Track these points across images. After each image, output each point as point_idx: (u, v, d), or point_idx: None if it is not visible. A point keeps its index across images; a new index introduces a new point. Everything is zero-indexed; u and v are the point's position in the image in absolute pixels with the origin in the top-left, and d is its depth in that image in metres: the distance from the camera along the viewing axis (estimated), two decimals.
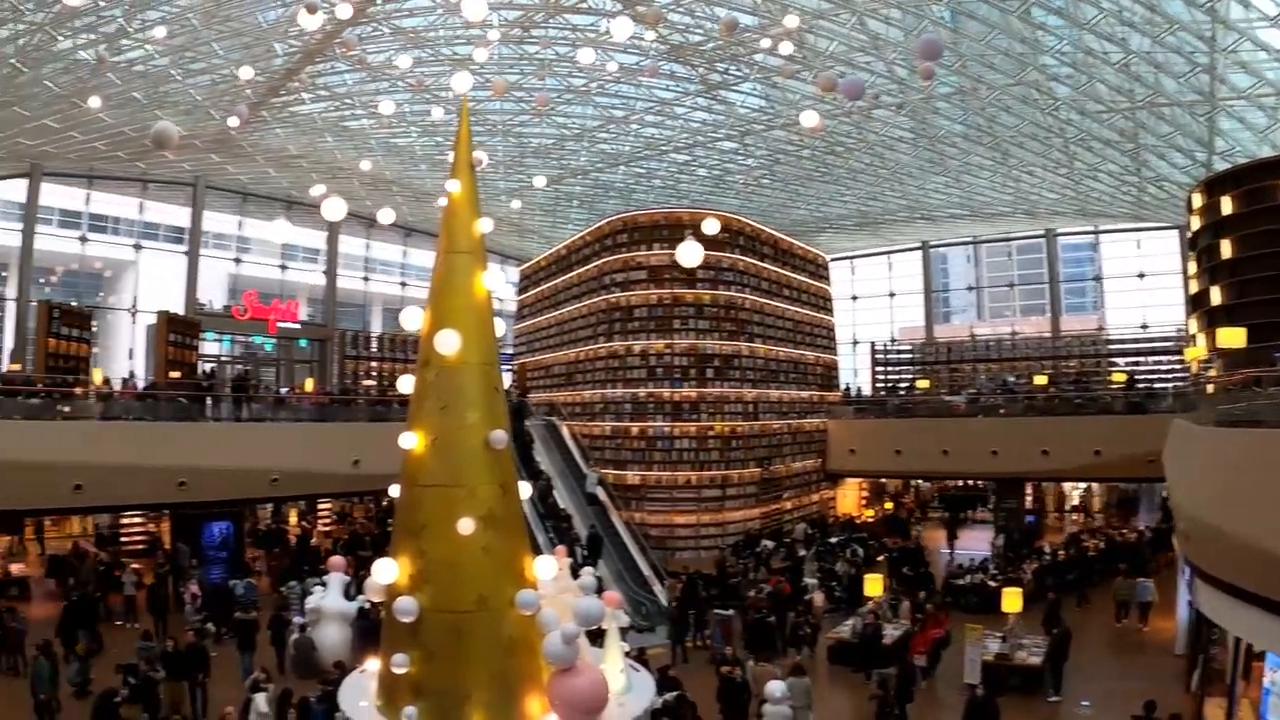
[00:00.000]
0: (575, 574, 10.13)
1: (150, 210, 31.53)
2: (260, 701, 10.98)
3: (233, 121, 16.20)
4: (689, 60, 21.83)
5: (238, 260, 33.68)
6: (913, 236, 38.45)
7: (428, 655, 7.43)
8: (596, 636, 8.75)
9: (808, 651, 16.11)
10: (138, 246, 31.20)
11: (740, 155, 29.02)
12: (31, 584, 19.75)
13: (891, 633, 15.80)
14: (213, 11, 18.76)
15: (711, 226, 10.96)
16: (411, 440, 7.65)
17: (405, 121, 25.93)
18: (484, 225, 8.29)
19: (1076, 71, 20.47)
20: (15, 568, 20.32)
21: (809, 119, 10.41)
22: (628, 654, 9.19)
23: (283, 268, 34.59)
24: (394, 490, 8.01)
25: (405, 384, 8.15)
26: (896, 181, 30.20)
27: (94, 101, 16.15)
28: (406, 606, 7.36)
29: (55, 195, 29.79)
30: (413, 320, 7.82)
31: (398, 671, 7.39)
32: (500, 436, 7.64)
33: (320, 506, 27.74)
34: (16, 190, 28.82)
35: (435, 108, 21.30)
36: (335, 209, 8.13)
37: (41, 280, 29.51)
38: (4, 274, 29.85)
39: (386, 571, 7.59)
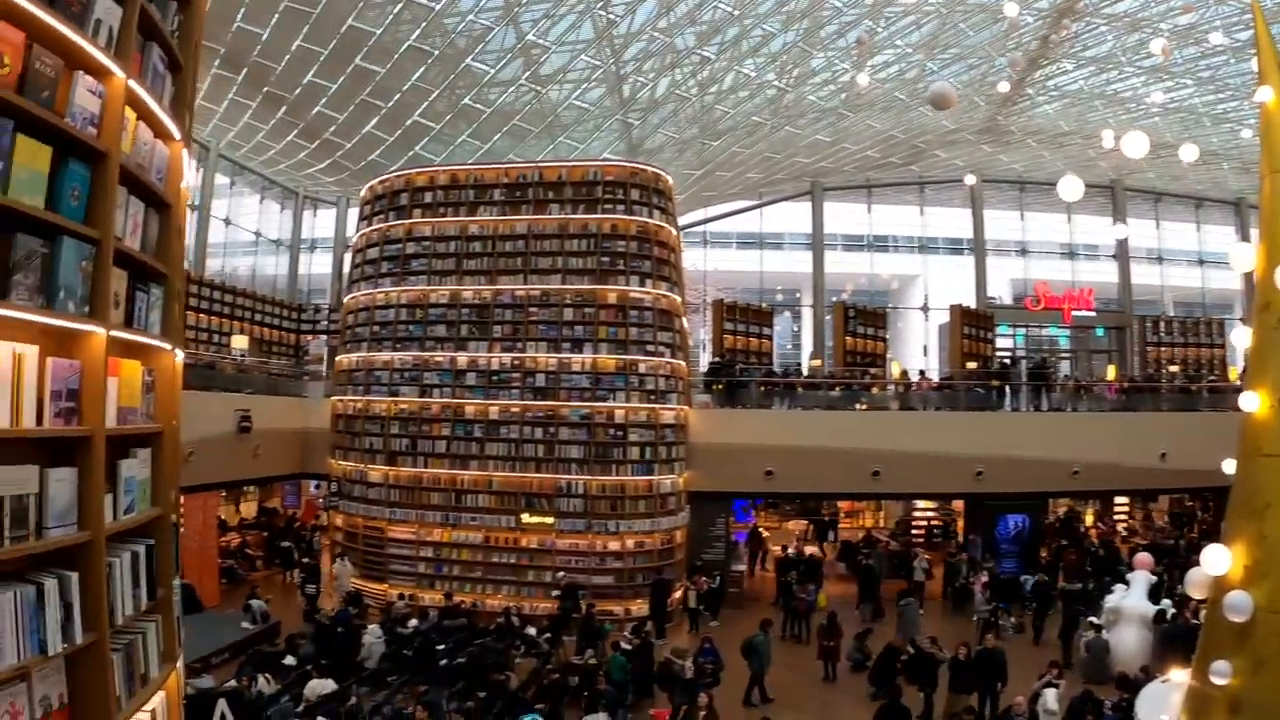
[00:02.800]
0: None
1: (930, 218, 33.43)
2: (1049, 698, 10.68)
3: (1003, 86, 16.13)
4: None
5: (1023, 252, 33.74)
6: None
7: (1255, 664, 6.17)
8: None
9: None
10: (922, 248, 33.46)
11: None
12: (824, 566, 20.74)
13: None
14: None
15: None
16: (1253, 401, 6.41)
17: (1172, 74, 22.60)
18: None
19: None
20: (808, 549, 22.11)
21: None
22: None
23: (1071, 255, 33.56)
24: (1228, 466, 6.87)
25: (1240, 336, 6.99)
26: None
27: (862, 79, 17.67)
28: (1239, 603, 6.18)
29: (841, 222, 33.19)
30: (1243, 259, 6.61)
31: (1216, 682, 6.31)
32: None
33: (1117, 504, 25.77)
34: (803, 221, 32.53)
35: (1213, 34, 18.29)
36: (1136, 144, 7.37)
37: (834, 297, 32.49)
38: (797, 294, 34.66)
39: (1218, 561, 6.51)
